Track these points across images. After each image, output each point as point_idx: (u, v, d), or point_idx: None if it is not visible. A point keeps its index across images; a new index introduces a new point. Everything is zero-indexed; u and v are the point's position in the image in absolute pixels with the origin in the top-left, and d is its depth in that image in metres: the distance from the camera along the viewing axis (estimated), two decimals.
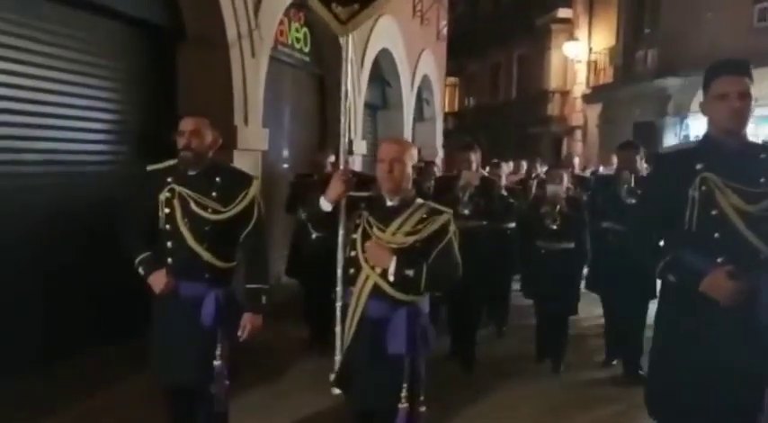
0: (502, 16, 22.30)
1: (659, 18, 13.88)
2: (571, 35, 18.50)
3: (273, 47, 6.38)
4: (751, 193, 2.31)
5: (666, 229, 2.48)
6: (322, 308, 4.60)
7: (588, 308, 5.42)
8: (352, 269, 2.66)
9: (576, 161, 9.89)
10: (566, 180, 5.10)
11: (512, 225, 5.52)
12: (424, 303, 2.66)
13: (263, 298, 2.92)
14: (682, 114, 13.05)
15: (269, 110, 6.24)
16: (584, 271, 5.25)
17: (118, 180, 4.61)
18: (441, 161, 12.67)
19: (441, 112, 15.09)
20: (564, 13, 18.71)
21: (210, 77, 5.27)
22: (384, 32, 9.65)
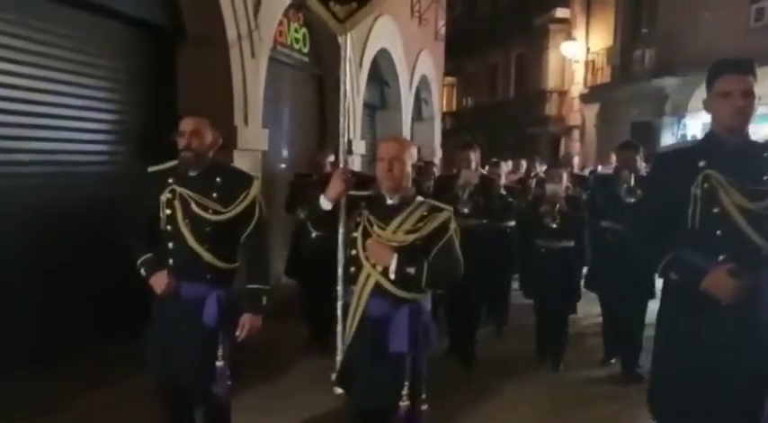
0: (500, 16, 22.30)
1: (657, 18, 13.90)
2: (569, 35, 18.50)
3: (272, 47, 6.38)
4: (753, 190, 2.32)
5: (668, 228, 2.48)
6: (322, 308, 4.62)
7: (587, 307, 5.43)
8: (353, 268, 2.66)
9: (576, 160, 9.89)
10: (565, 179, 5.12)
11: (511, 224, 5.54)
12: (425, 301, 2.66)
13: (263, 298, 2.92)
14: (679, 114, 13.07)
15: (268, 110, 6.24)
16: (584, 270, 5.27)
17: (118, 180, 4.61)
18: (439, 161, 12.67)
19: (439, 111, 15.10)
20: (561, 12, 18.69)
21: (210, 77, 5.28)
22: (383, 33, 9.65)
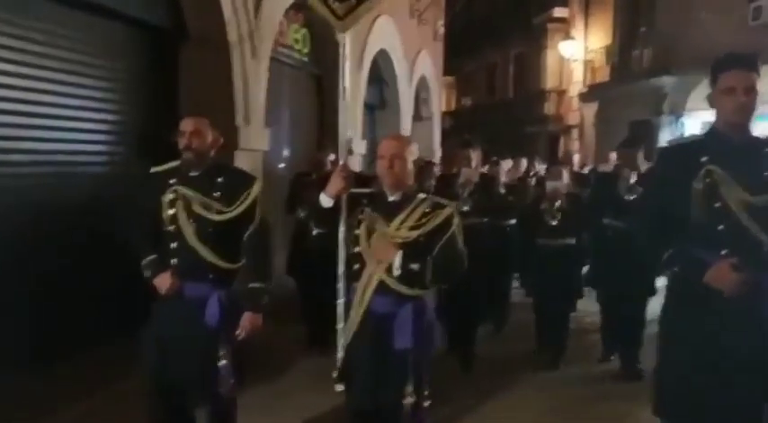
0: (498, 16, 22.28)
1: (655, 17, 13.89)
2: (567, 34, 18.49)
3: (273, 47, 6.38)
4: (755, 185, 2.32)
5: (672, 221, 2.48)
6: (322, 307, 4.61)
7: (587, 304, 5.43)
8: (356, 265, 2.66)
9: (576, 158, 9.89)
10: (565, 177, 5.12)
11: (512, 222, 5.54)
12: (429, 298, 2.66)
13: (264, 297, 2.92)
14: (677, 113, 13.07)
15: (268, 110, 6.24)
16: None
17: (119, 180, 4.61)
18: (438, 160, 12.65)
19: (438, 111, 15.09)
20: (560, 12, 18.68)
21: (212, 78, 5.28)
22: (382, 33, 9.64)
